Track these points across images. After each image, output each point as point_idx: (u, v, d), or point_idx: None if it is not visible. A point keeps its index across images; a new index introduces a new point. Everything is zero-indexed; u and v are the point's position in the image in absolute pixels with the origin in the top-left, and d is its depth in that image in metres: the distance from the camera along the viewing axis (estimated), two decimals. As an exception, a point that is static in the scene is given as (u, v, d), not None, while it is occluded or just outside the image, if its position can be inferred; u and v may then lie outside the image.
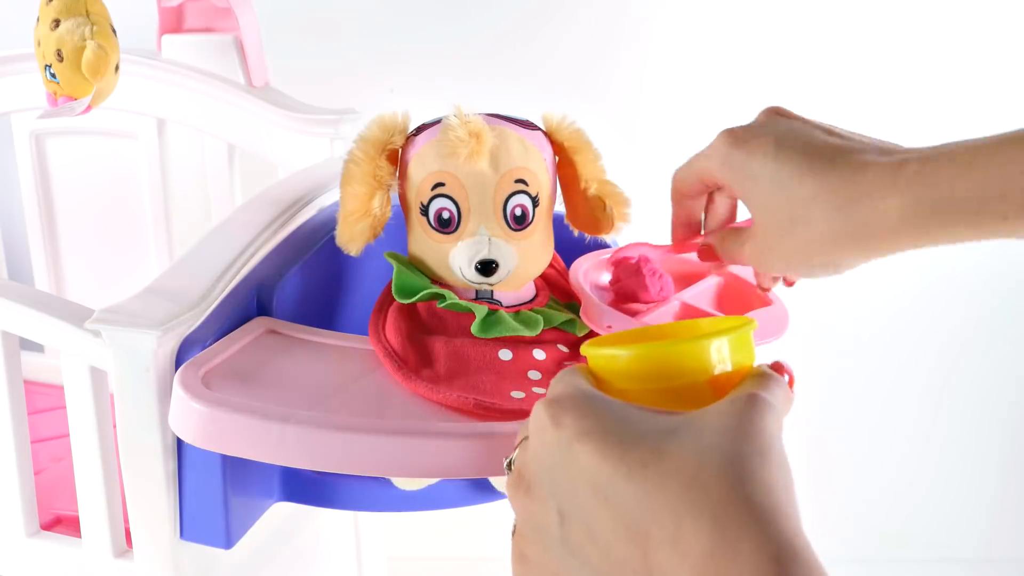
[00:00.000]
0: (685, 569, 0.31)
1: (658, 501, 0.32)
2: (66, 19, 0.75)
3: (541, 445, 0.37)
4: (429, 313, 0.62)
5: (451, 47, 1.13)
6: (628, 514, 0.33)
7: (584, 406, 0.36)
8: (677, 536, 0.31)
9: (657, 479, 0.33)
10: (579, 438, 0.35)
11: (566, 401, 0.37)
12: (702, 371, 0.39)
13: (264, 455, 0.53)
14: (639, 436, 0.34)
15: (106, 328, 0.58)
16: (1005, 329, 1.23)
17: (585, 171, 0.63)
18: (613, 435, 0.35)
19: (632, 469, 0.33)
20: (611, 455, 0.34)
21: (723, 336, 0.39)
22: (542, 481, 0.37)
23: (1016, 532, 1.31)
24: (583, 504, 0.34)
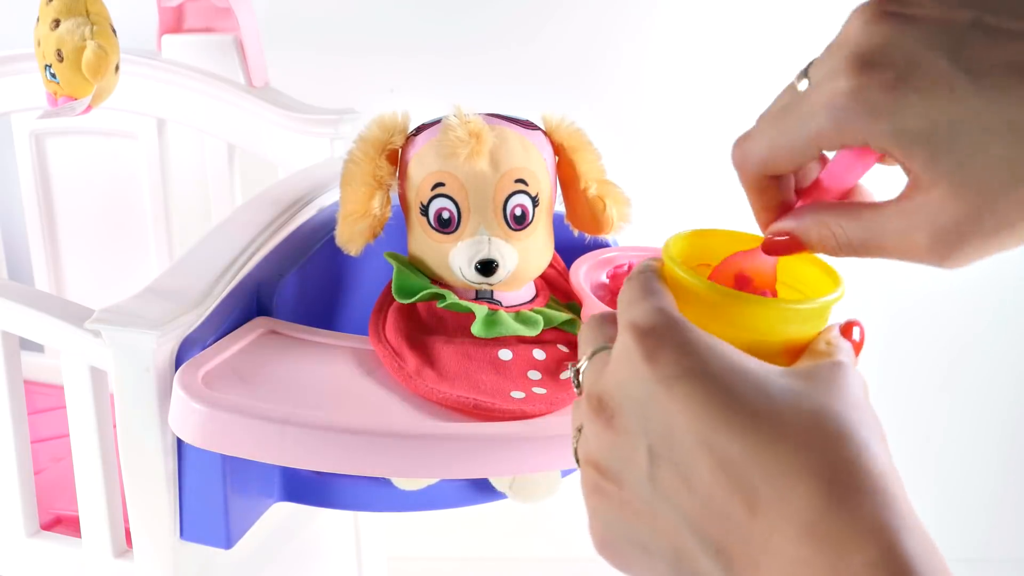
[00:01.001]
0: (793, 530, 0.30)
1: (768, 458, 0.31)
2: (66, 19, 0.75)
3: (631, 376, 0.34)
4: (429, 313, 0.62)
5: (451, 47, 1.13)
6: (734, 467, 0.31)
7: (684, 343, 0.34)
8: (788, 496, 0.30)
9: (769, 435, 0.31)
10: (680, 379, 0.33)
11: (663, 333, 0.34)
12: (781, 334, 0.38)
13: (264, 455, 0.53)
14: (749, 387, 0.32)
15: (106, 328, 0.58)
16: (1005, 329, 1.23)
17: (585, 171, 0.63)
18: (719, 381, 0.32)
19: (742, 422, 0.32)
20: (717, 403, 0.32)
21: (812, 304, 0.38)
22: (630, 414, 0.34)
23: (1016, 532, 1.31)
24: (680, 448, 0.33)
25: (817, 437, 0.31)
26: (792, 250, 0.40)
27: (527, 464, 0.53)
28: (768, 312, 0.38)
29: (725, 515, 0.32)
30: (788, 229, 0.39)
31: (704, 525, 0.32)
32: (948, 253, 0.35)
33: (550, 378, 0.58)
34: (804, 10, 1.11)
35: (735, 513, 0.32)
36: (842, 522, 0.30)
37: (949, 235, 0.35)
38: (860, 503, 0.30)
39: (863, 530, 0.29)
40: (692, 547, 0.33)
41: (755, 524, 0.31)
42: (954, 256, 0.35)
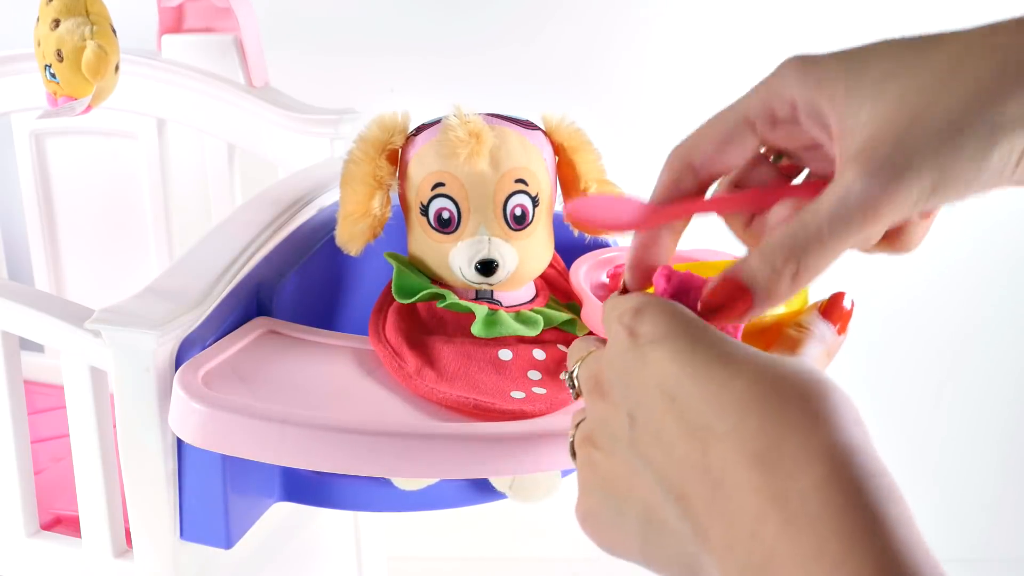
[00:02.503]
0: (743, 458, 0.30)
1: (724, 397, 0.32)
2: (66, 19, 0.75)
3: (618, 352, 0.36)
4: (429, 313, 0.62)
5: (451, 47, 1.13)
6: (692, 412, 0.32)
7: (660, 313, 0.36)
8: (740, 428, 0.31)
9: (724, 377, 0.32)
10: (652, 343, 0.35)
11: (643, 308, 0.36)
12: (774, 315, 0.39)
13: (264, 455, 0.53)
14: (710, 341, 0.34)
15: (106, 328, 0.58)
16: (1004, 328, 1.23)
17: (585, 171, 0.63)
18: (684, 338, 0.34)
19: (699, 369, 0.33)
20: (680, 357, 0.34)
21: None
22: (615, 387, 0.36)
23: (1016, 532, 1.31)
24: (652, 406, 0.34)
25: (771, 375, 0.32)
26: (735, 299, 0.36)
27: (527, 464, 0.53)
28: None
29: (684, 459, 0.33)
30: (726, 275, 0.36)
31: (668, 475, 0.33)
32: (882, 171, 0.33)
33: (550, 378, 0.58)
34: (804, 10, 1.11)
35: (692, 455, 0.32)
36: (792, 446, 0.30)
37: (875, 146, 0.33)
38: (812, 429, 0.30)
39: (812, 452, 0.30)
40: (659, 499, 0.34)
41: (710, 461, 0.32)
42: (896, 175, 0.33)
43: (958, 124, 0.33)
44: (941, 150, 0.33)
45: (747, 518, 0.30)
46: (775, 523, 0.29)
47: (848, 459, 0.29)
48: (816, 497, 0.29)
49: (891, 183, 0.33)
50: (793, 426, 0.30)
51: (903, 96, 0.34)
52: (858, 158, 0.34)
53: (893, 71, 0.34)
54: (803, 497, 0.29)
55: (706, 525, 0.32)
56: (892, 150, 0.33)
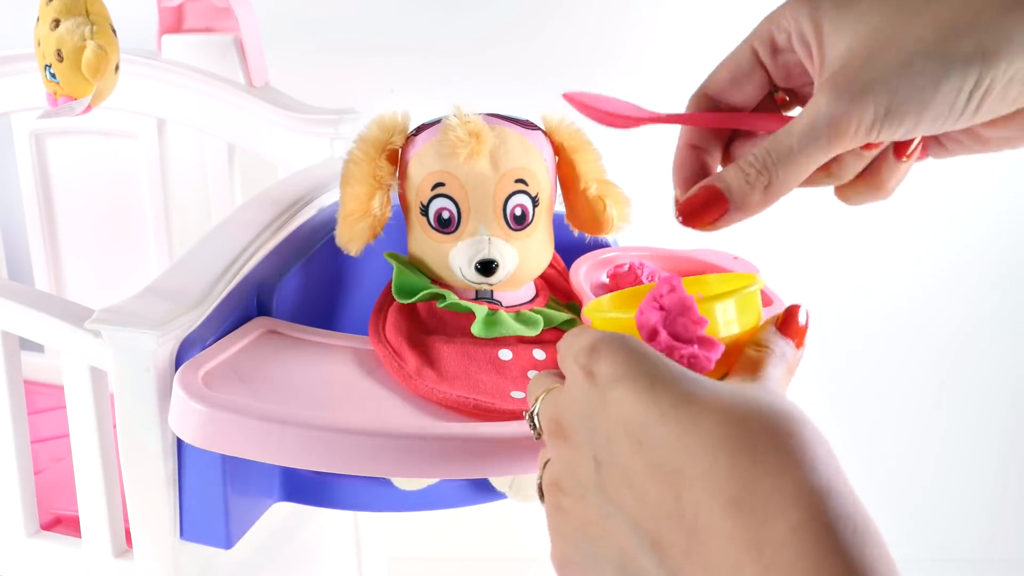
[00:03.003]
0: (718, 504, 0.30)
1: (693, 439, 0.31)
2: (66, 19, 0.75)
3: (578, 394, 0.36)
4: (429, 313, 0.62)
5: (451, 47, 1.13)
6: (661, 455, 0.32)
7: (619, 353, 0.35)
8: (712, 471, 0.31)
9: (691, 418, 0.32)
10: (613, 384, 0.34)
11: (599, 347, 0.35)
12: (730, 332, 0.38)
13: (264, 455, 0.53)
14: (672, 379, 0.33)
15: (106, 328, 0.58)
16: (1004, 328, 1.23)
17: (585, 171, 0.63)
18: (645, 377, 0.34)
19: (665, 411, 0.32)
20: (644, 398, 0.33)
21: (728, 299, 0.38)
22: (578, 430, 0.36)
23: (1016, 532, 1.31)
24: (618, 450, 0.34)
25: (737, 413, 0.32)
26: (711, 204, 0.40)
27: (527, 464, 0.53)
28: None
29: (657, 506, 0.32)
30: (704, 183, 0.41)
31: (641, 520, 0.33)
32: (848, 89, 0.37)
33: (550, 378, 0.58)
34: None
35: (665, 501, 0.32)
36: (766, 491, 0.30)
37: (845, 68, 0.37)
38: (784, 470, 0.30)
39: (787, 496, 0.29)
40: (633, 546, 0.34)
41: (683, 506, 0.31)
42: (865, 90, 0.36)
43: (914, 54, 0.36)
44: (896, 76, 0.36)
45: (725, 566, 0.30)
46: (752, 572, 0.29)
47: (822, 503, 0.29)
48: (791, 545, 0.29)
49: (851, 102, 0.37)
50: (765, 469, 0.30)
51: (878, 26, 0.37)
52: (829, 82, 0.38)
53: (876, 3, 0.38)
54: (779, 544, 0.29)
55: (685, 572, 0.31)
56: (855, 74, 0.37)
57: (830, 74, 0.38)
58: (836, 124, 0.37)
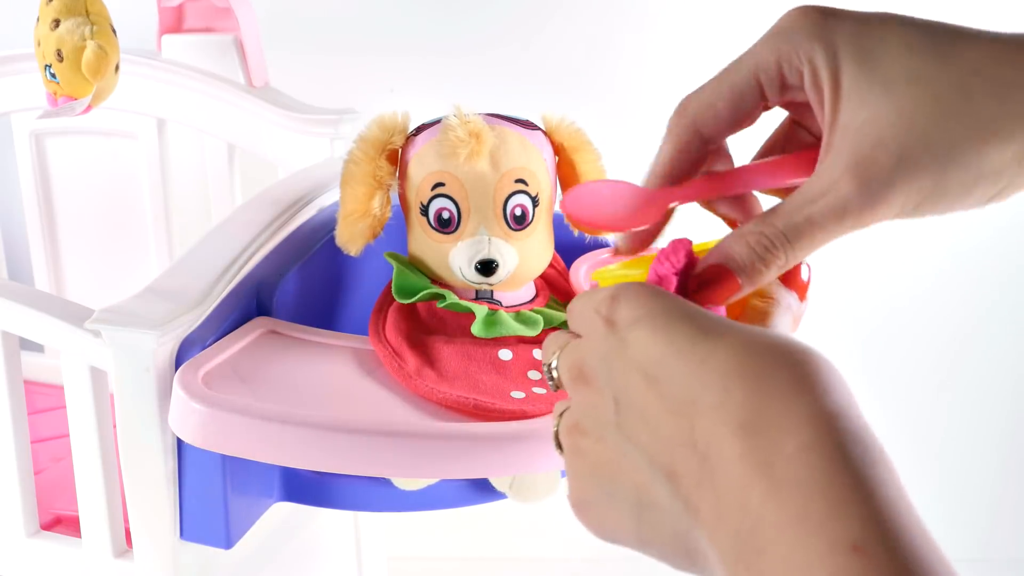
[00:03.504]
0: (729, 430, 0.30)
1: (706, 371, 0.32)
2: (66, 19, 0.75)
3: (598, 339, 0.36)
4: (429, 313, 0.62)
5: (451, 47, 1.12)
6: (676, 389, 0.32)
7: (636, 296, 0.35)
8: (724, 400, 0.31)
9: (705, 352, 0.32)
10: (632, 326, 0.35)
11: (618, 294, 0.36)
12: None
13: (264, 455, 0.53)
14: (689, 316, 0.34)
15: (106, 328, 0.58)
16: (1004, 328, 1.23)
17: (585, 171, 0.63)
18: (661, 317, 0.34)
19: (680, 347, 0.33)
20: (660, 337, 0.34)
21: None
22: (598, 373, 0.36)
23: (1016, 532, 1.31)
24: (636, 388, 0.34)
25: (753, 345, 0.32)
26: (723, 283, 0.39)
27: (527, 464, 0.53)
28: None
29: (671, 437, 0.32)
30: (712, 261, 0.39)
31: (656, 454, 0.33)
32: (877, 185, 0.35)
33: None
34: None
35: (678, 432, 0.32)
36: (776, 413, 0.30)
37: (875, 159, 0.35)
38: (795, 394, 0.30)
39: (796, 418, 0.30)
40: (649, 480, 0.34)
41: (696, 436, 0.32)
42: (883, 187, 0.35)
43: (948, 161, 0.35)
44: (930, 178, 0.35)
45: (734, 488, 0.30)
46: (761, 490, 0.29)
47: (832, 423, 0.30)
48: (800, 462, 0.29)
49: (881, 199, 0.36)
50: (777, 393, 0.30)
51: (910, 114, 0.35)
52: (855, 170, 0.36)
53: (907, 76, 0.35)
54: (788, 462, 0.29)
55: (696, 500, 0.32)
56: (886, 171, 0.35)
57: (856, 160, 0.36)
58: (862, 214, 0.36)
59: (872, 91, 0.36)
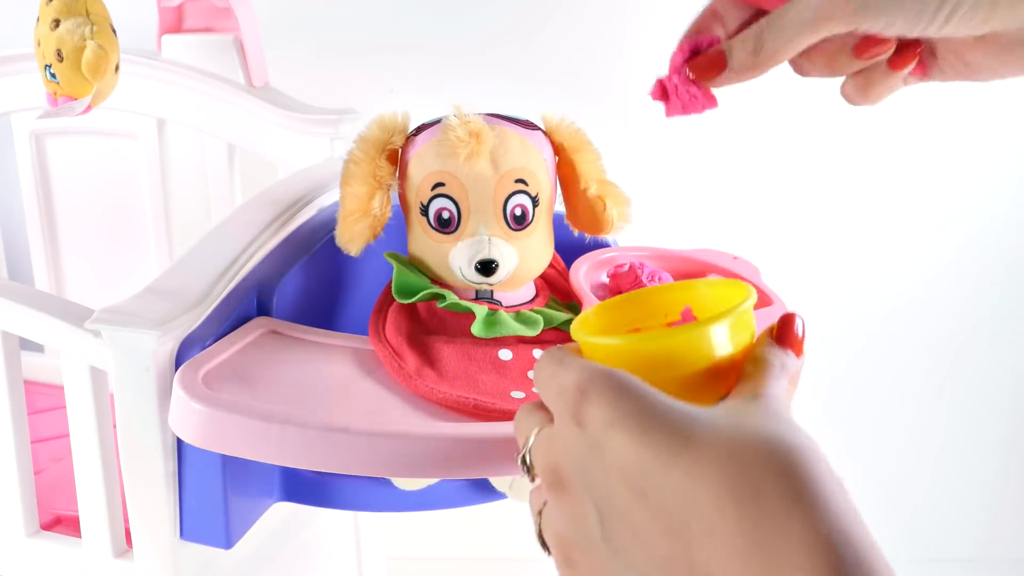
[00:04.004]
0: (727, 557, 0.29)
1: (695, 489, 0.30)
2: (66, 19, 0.75)
3: (571, 441, 0.34)
4: (429, 313, 0.62)
5: (451, 47, 1.13)
6: (665, 506, 0.31)
7: (609, 393, 0.34)
8: (719, 524, 0.30)
9: (691, 465, 0.31)
10: (606, 429, 0.33)
11: (587, 387, 0.34)
12: (704, 358, 0.37)
13: (264, 455, 0.53)
14: (668, 422, 0.32)
15: (106, 328, 0.58)
16: (1004, 329, 1.23)
17: (585, 171, 0.63)
18: (636, 420, 0.32)
19: (662, 457, 0.31)
20: (638, 444, 0.32)
21: (723, 320, 0.37)
22: (575, 479, 0.34)
23: (1016, 532, 1.31)
24: (619, 500, 0.33)
25: (741, 454, 0.31)
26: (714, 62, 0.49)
27: (527, 464, 0.53)
28: (677, 343, 0.37)
29: (668, 559, 0.31)
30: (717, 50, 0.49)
31: (653, 574, 0.32)
32: None
33: (550, 378, 0.58)
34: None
35: (675, 554, 0.31)
36: (774, 537, 0.29)
37: None
38: (791, 514, 0.29)
39: (795, 542, 0.29)
40: None
41: (693, 557, 0.30)
42: None
43: None
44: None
45: None
46: None
47: (831, 549, 0.28)
48: None
49: None
50: (772, 514, 0.29)
51: None
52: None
53: None
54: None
55: None
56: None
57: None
58: (821, 11, 0.44)
59: None
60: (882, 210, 1.16)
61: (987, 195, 1.16)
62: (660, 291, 0.44)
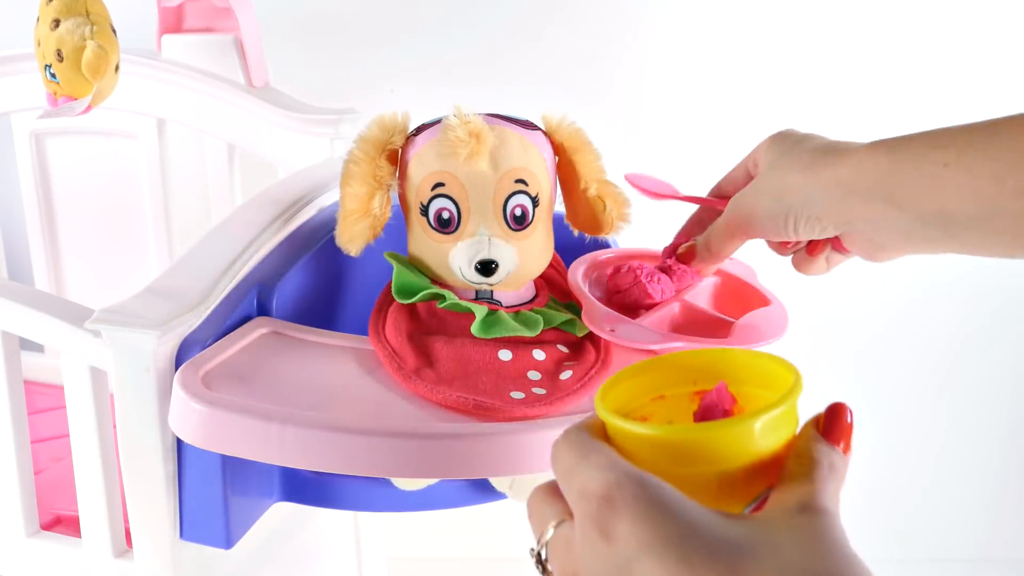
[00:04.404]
0: None
1: None
2: (66, 19, 0.75)
3: (595, 557, 0.32)
4: (429, 313, 0.62)
5: (451, 47, 1.13)
6: None
7: (638, 508, 0.31)
8: None
9: None
10: (638, 553, 0.30)
11: (614, 498, 0.31)
12: (746, 454, 0.34)
13: (264, 455, 0.53)
14: (709, 551, 0.30)
15: (106, 328, 0.58)
16: (1004, 329, 1.23)
17: (585, 171, 0.63)
18: (678, 548, 0.30)
19: None
20: (679, 574, 0.29)
21: (770, 413, 0.34)
22: None
23: (1016, 532, 1.31)
24: None
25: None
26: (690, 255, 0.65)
27: (527, 464, 0.53)
28: (718, 438, 0.34)
29: None
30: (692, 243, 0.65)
31: None
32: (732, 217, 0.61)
33: (550, 378, 0.58)
34: (803, 11, 1.11)
35: None
36: None
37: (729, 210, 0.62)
38: None
39: None
40: None
41: None
42: None
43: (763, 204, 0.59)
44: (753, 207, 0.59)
45: None
46: None
47: None
48: None
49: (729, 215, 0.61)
50: None
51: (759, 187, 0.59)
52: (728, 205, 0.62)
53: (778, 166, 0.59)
54: None
55: None
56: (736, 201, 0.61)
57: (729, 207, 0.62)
58: (727, 228, 0.62)
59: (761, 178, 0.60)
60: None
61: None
62: (691, 355, 0.41)
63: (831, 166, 0.55)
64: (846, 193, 0.54)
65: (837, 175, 0.55)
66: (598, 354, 0.60)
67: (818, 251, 0.61)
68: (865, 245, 0.56)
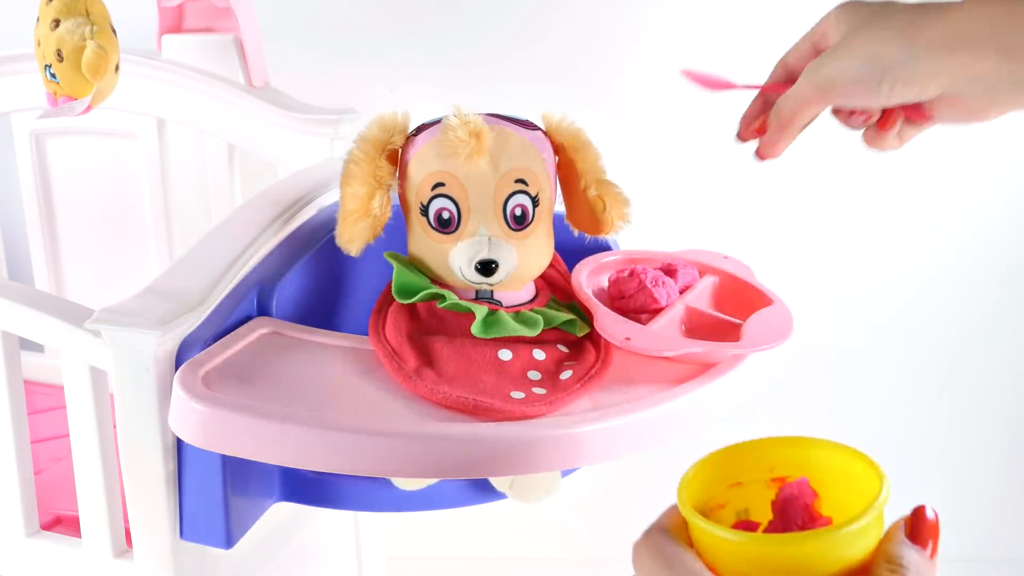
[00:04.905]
0: None
1: None
2: (66, 19, 0.75)
3: None
4: (429, 313, 0.62)
5: (451, 47, 1.12)
6: None
7: None
8: None
9: None
10: None
11: None
12: (836, 562, 0.35)
13: (264, 455, 0.53)
14: None
15: (106, 328, 0.58)
16: (1005, 329, 1.23)
17: (585, 171, 0.63)
18: None
19: None
20: None
21: (861, 521, 0.35)
22: None
23: (1016, 532, 1.31)
24: None
25: None
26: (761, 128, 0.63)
27: (527, 464, 0.53)
28: (809, 549, 0.34)
29: None
30: None
31: None
32: None
33: (550, 378, 0.58)
34: (803, 11, 1.11)
35: None
36: None
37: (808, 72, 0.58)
38: None
39: None
40: None
41: None
42: None
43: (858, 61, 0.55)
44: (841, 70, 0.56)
45: None
46: None
47: None
48: None
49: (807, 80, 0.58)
50: None
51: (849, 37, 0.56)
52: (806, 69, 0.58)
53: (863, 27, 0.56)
54: None
55: None
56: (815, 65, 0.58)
57: None
58: (801, 96, 0.58)
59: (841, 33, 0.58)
60: (883, 210, 1.16)
61: (987, 195, 1.16)
62: (768, 444, 0.41)
63: (933, 22, 0.52)
64: (953, 48, 0.51)
65: (942, 30, 0.51)
66: (598, 354, 0.60)
67: (890, 124, 0.58)
68: (963, 108, 0.53)
